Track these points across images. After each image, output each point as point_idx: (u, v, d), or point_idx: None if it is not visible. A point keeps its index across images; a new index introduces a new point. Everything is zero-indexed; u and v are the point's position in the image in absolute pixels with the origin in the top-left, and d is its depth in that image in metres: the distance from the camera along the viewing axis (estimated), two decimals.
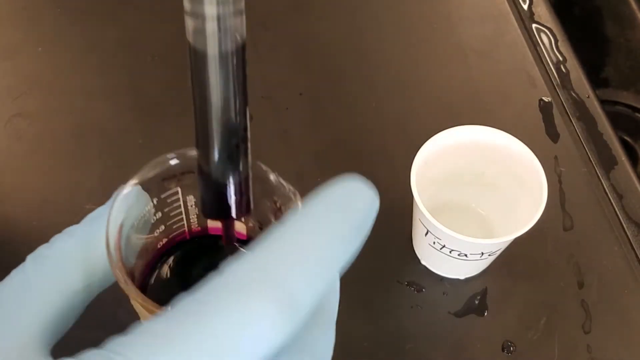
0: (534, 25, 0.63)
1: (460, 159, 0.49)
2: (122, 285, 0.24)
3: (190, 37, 0.22)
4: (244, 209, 0.25)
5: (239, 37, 0.22)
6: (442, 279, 0.51)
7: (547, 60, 0.61)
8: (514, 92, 0.60)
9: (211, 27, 0.21)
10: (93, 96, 0.59)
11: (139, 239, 0.28)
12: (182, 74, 0.23)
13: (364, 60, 0.62)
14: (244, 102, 0.23)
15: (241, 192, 0.24)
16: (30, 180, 0.54)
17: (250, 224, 0.31)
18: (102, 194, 0.25)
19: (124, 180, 0.26)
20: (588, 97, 0.59)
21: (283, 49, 0.62)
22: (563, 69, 0.61)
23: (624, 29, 0.70)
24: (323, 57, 0.62)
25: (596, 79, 0.69)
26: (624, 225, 0.53)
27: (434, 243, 0.46)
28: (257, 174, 0.28)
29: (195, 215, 0.32)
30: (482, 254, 0.46)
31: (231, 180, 0.24)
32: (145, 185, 0.27)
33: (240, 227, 0.31)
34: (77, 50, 0.61)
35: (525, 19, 0.64)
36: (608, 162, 0.56)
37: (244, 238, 0.31)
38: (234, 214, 0.25)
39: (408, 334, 0.49)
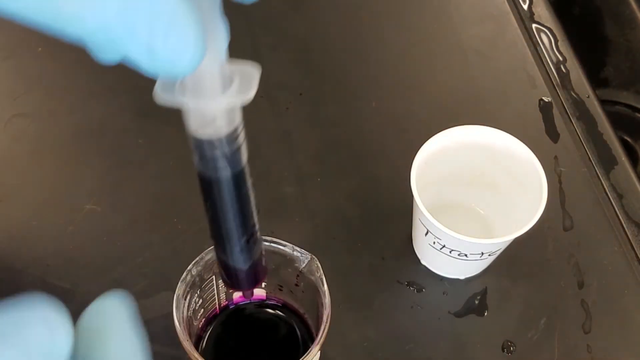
0: (534, 25, 0.63)
1: (460, 159, 0.49)
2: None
3: (197, 164, 0.26)
4: (258, 281, 0.32)
5: (240, 165, 0.26)
6: (442, 279, 0.51)
7: (547, 60, 0.61)
8: (514, 92, 0.60)
9: (215, 162, 0.25)
10: (93, 96, 0.59)
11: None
12: None
13: (364, 60, 0.62)
14: (249, 209, 0.27)
15: (254, 271, 0.31)
16: (30, 180, 0.54)
17: (269, 287, 0.42)
18: (102, 194, 0.25)
19: (124, 180, 0.26)
20: (588, 97, 0.59)
21: (283, 49, 0.62)
22: (563, 69, 0.61)
23: (624, 29, 0.70)
24: (323, 57, 0.62)
25: (596, 79, 0.69)
26: (624, 225, 0.53)
27: (434, 243, 0.46)
28: (276, 250, 0.37)
29: (224, 293, 0.42)
30: (482, 254, 0.46)
31: (244, 265, 0.30)
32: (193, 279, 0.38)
33: (259, 291, 0.42)
34: (77, 50, 0.61)
35: (525, 19, 0.64)
36: (608, 162, 0.56)
37: (264, 298, 0.43)
38: (249, 286, 0.32)
39: (408, 334, 0.49)
